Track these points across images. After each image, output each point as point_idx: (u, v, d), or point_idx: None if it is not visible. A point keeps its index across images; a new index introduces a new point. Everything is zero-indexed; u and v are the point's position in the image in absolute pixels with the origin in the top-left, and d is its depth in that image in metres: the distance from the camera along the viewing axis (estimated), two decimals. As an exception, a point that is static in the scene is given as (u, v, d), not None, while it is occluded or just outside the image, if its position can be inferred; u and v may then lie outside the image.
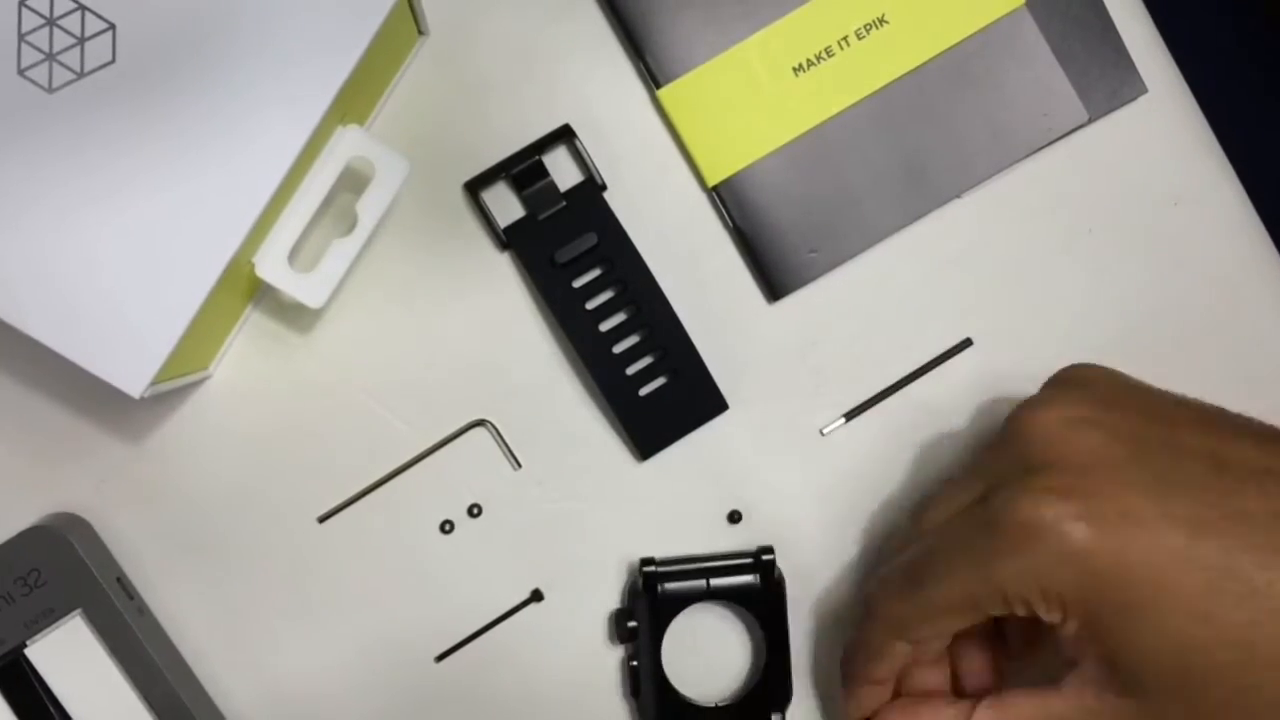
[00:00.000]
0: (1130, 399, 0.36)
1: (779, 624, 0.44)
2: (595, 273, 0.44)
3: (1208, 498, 0.33)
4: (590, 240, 0.44)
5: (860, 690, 0.41)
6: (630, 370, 0.44)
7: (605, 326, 0.44)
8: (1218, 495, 0.33)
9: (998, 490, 0.35)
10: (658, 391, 0.44)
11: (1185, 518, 0.33)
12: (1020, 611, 0.35)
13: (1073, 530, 0.33)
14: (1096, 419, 0.35)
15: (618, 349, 0.44)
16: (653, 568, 0.43)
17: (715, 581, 0.44)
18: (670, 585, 0.43)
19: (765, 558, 0.44)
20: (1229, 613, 0.32)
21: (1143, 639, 0.33)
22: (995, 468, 0.37)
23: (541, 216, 0.44)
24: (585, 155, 0.44)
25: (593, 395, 0.45)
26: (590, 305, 0.44)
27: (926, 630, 0.38)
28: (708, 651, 0.45)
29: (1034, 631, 0.40)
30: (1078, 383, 0.37)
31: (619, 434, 0.45)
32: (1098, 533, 0.33)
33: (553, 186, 0.44)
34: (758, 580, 0.44)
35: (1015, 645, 0.41)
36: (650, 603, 0.43)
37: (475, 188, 0.44)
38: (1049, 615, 0.35)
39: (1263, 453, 0.34)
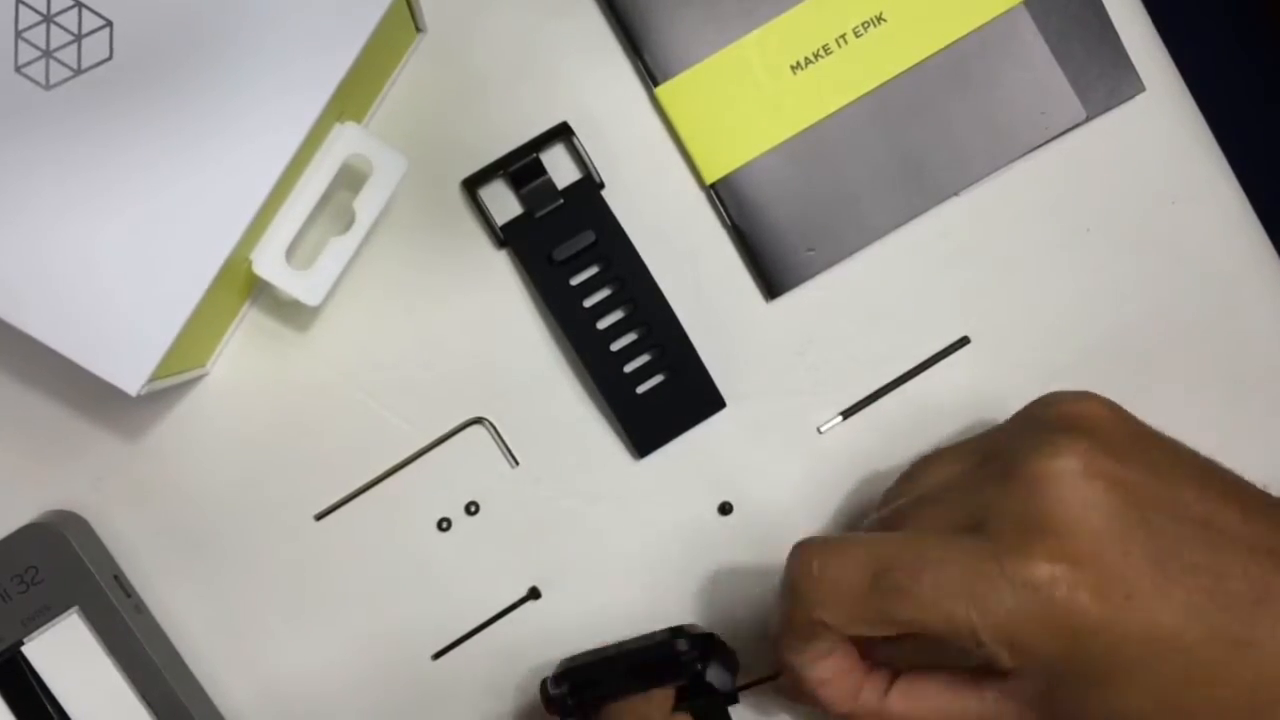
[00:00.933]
0: (1137, 454, 0.35)
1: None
2: (593, 270, 0.44)
3: (1202, 581, 0.33)
4: (588, 238, 0.44)
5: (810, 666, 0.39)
6: (628, 368, 0.44)
7: (603, 324, 0.44)
8: (1212, 578, 0.33)
9: (1002, 537, 0.34)
10: (655, 389, 0.44)
11: (1181, 603, 0.33)
12: (974, 653, 0.34)
13: (1078, 600, 0.32)
14: (1109, 476, 0.34)
15: (615, 346, 0.44)
16: (559, 690, 0.40)
17: (635, 674, 0.40)
18: (590, 691, 0.40)
19: (683, 650, 0.40)
20: (1185, 696, 0.33)
21: (1094, 707, 0.33)
22: (996, 508, 0.35)
23: (539, 214, 0.44)
24: (583, 153, 0.44)
25: (590, 393, 0.45)
26: (588, 303, 0.44)
27: (872, 632, 0.36)
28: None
29: None
30: (1087, 428, 0.35)
31: (616, 431, 0.45)
32: (1100, 608, 0.32)
33: (550, 184, 0.44)
34: (687, 671, 0.40)
35: None
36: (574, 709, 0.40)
37: (473, 185, 0.44)
38: (1006, 663, 0.34)
39: (1248, 525, 0.34)
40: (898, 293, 0.46)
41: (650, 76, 0.45)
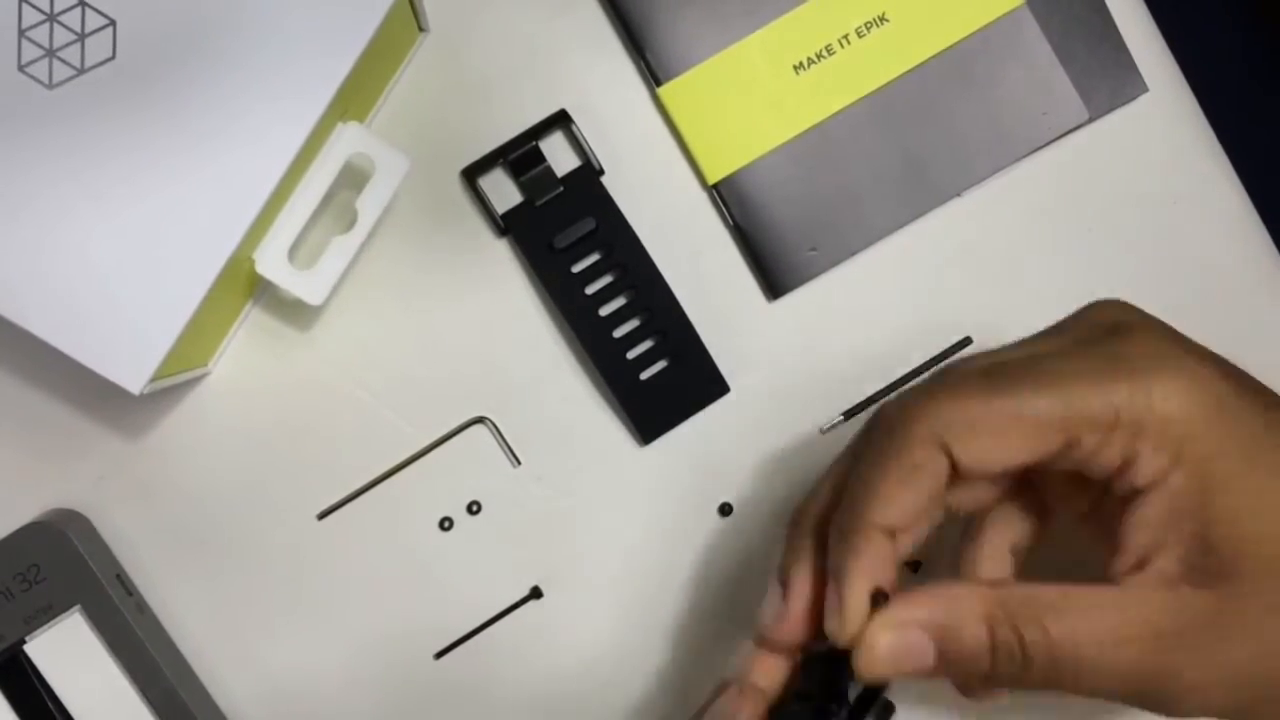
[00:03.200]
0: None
1: None
2: (594, 257, 0.44)
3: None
4: (588, 225, 0.44)
5: (854, 540, 0.33)
6: (630, 354, 0.44)
7: (605, 311, 0.44)
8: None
9: (1110, 330, 0.33)
10: (658, 375, 0.44)
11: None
12: (1106, 458, 0.31)
13: (1204, 365, 0.31)
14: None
15: (618, 333, 0.44)
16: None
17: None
18: None
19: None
20: None
21: (1260, 505, 0.30)
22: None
23: (539, 202, 0.44)
24: (582, 140, 0.44)
25: (591, 390, 0.45)
26: (590, 290, 0.44)
27: (989, 448, 0.31)
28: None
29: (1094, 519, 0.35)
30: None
31: (618, 428, 0.45)
32: (1225, 373, 0.32)
33: (550, 172, 0.44)
34: None
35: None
36: None
37: (472, 175, 0.44)
38: (1151, 462, 0.31)
39: None
40: (900, 293, 0.46)
41: (653, 76, 0.45)
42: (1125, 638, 0.30)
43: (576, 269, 0.44)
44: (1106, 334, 0.33)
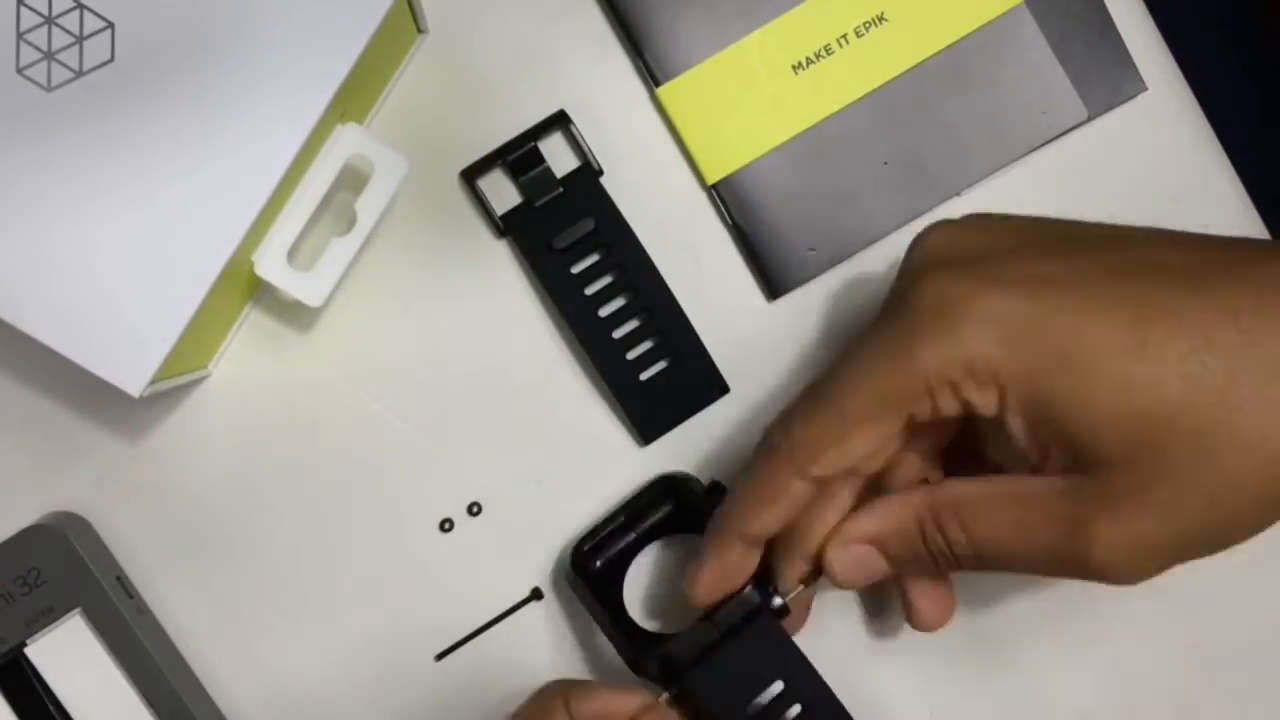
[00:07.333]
0: (1020, 219, 0.37)
1: None
2: (593, 258, 0.44)
3: (1120, 250, 0.33)
4: (588, 225, 0.44)
5: (728, 546, 0.38)
6: (630, 355, 0.44)
7: (605, 311, 0.44)
8: (1128, 248, 0.34)
9: (902, 294, 0.34)
10: (658, 375, 0.44)
11: (1103, 269, 0.33)
12: (949, 407, 0.33)
13: (989, 293, 0.33)
14: (986, 225, 0.36)
15: (618, 334, 0.44)
16: (587, 545, 0.42)
17: (642, 526, 0.43)
18: (603, 557, 0.43)
19: (674, 479, 0.43)
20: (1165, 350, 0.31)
21: (1093, 397, 0.32)
22: (889, 303, 0.36)
23: (538, 203, 0.44)
24: (581, 140, 0.44)
25: (591, 391, 0.45)
26: (589, 290, 0.44)
27: (834, 456, 0.35)
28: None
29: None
30: (959, 222, 0.37)
31: (618, 430, 0.45)
32: (1015, 292, 0.32)
33: (549, 172, 0.44)
34: (675, 506, 0.43)
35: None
36: (591, 582, 0.42)
37: (471, 176, 0.44)
38: (982, 398, 0.33)
39: (1165, 240, 0.35)
40: (899, 292, 0.46)
41: (652, 77, 0.45)
42: (1035, 527, 0.33)
43: (576, 270, 0.44)
44: (899, 298, 0.35)
